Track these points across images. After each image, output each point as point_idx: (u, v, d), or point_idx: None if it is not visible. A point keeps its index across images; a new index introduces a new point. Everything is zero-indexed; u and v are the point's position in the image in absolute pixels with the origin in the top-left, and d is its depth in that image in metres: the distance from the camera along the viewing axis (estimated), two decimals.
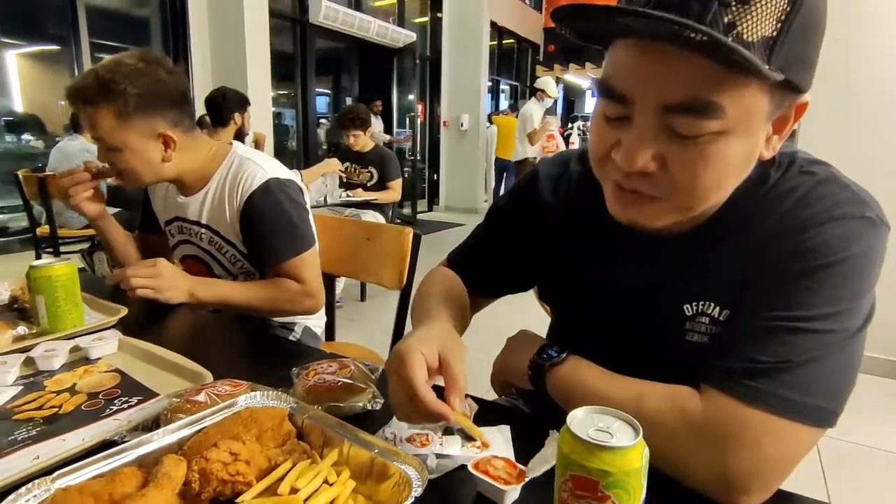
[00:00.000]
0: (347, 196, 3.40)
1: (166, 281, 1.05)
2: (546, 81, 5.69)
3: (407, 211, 6.90)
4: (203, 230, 1.23)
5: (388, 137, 6.28)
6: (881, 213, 0.55)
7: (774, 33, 0.45)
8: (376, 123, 6.06)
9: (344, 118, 3.44)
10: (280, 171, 1.21)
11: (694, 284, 0.61)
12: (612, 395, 0.58)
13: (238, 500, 0.46)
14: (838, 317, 0.51)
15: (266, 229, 1.16)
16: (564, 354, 0.65)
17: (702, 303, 0.60)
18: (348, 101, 6.52)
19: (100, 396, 0.71)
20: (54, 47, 4.54)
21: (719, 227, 0.59)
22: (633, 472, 0.39)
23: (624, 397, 0.57)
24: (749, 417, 0.51)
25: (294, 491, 0.46)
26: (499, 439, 0.60)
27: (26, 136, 4.76)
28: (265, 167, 1.18)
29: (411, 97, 7.05)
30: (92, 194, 1.22)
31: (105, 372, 0.78)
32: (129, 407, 0.68)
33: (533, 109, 5.58)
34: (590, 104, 13.65)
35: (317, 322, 1.40)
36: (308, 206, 1.25)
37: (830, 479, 1.72)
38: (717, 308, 0.59)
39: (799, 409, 0.50)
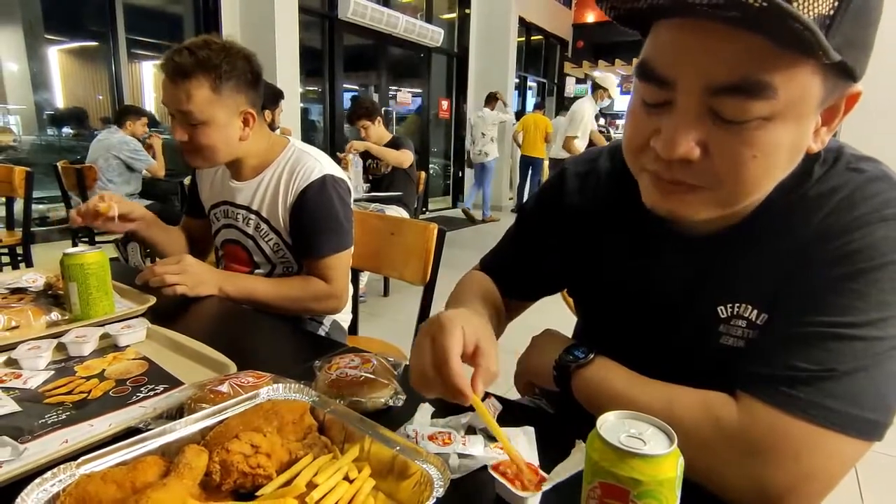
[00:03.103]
0: (370, 185, 3.40)
1: (193, 277, 1.08)
2: (607, 78, 4.93)
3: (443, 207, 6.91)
4: (252, 216, 1.26)
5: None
6: None
7: (831, 11, 0.41)
8: (500, 115, 6.25)
9: (349, 113, 3.45)
10: (335, 169, 1.25)
11: (730, 285, 0.57)
12: (641, 399, 0.56)
13: (258, 493, 0.46)
14: (887, 323, 0.48)
15: (313, 223, 1.19)
16: (592, 355, 0.62)
17: (738, 305, 0.57)
18: (375, 97, 6.54)
19: (127, 383, 0.72)
20: (93, 43, 4.68)
21: (759, 226, 0.56)
22: (666, 481, 0.37)
23: (653, 403, 0.54)
24: (789, 428, 0.48)
25: (313, 486, 0.46)
26: (523, 441, 0.58)
27: (67, 130, 4.93)
28: (323, 163, 1.23)
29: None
30: (109, 221, 1.17)
31: (133, 359, 0.79)
32: (156, 394, 0.69)
33: (586, 108, 4.94)
34: (619, 102, 13.33)
35: (345, 317, 1.41)
36: (352, 209, 1.27)
37: (866, 492, 1.65)
38: (755, 311, 0.56)
39: (844, 421, 0.47)
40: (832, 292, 0.49)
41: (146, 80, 5.11)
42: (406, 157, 3.42)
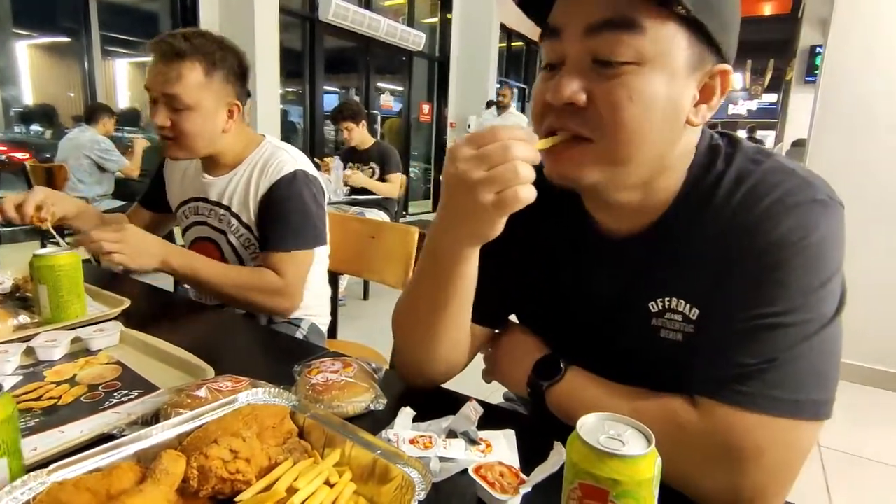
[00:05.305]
0: (350, 188, 3.38)
1: (133, 247, 1.03)
2: None
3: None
4: (223, 211, 1.24)
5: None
6: (832, 193, 0.54)
7: None
8: (514, 114, 6.03)
9: (334, 113, 3.44)
10: (309, 166, 1.23)
11: (658, 282, 0.60)
12: (609, 410, 0.57)
13: (237, 498, 0.45)
14: (811, 305, 0.51)
15: (278, 215, 1.17)
16: (562, 369, 0.64)
17: (668, 299, 0.59)
18: (357, 99, 6.51)
19: (100, 389, 0.70)
20: (65, 39, 4.56)
21: (674, 223, 0.59)
22: (644, 482, 0.38)
23: (619, 413, 0.56)
24: (746, 423, 0.50)
25: (293, 491, 0.45)
26: (503, 444, 0.59)
27: (35, 128, 4.78)
28: (297, 159, 1.22)
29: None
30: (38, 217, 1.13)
31: (106, 364, 0.77)
32: (130, 400, 0.67)
33: None
34: None
35: (323, 320, 1.39)
36: (325, 209, 1.26)
37: (834, 491, 1.70)
38: (688, 306, 0.58)
39: (793, 407, 0.49)
40: (757, 286, 0.52)
41: (120, 77, 4.99)
42: (394, 188, 3.46)
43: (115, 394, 0.69)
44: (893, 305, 2.37)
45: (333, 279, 1.48)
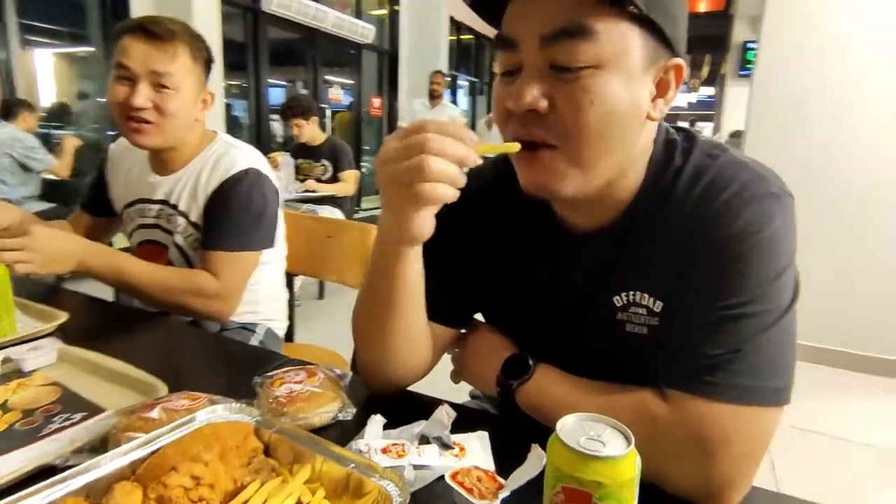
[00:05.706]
0: (303, 191, 3.29)
1: (41, 254, 0.94)
2: None
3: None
4: (170, 210, 1.18)
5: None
6: (782, 185, 0.56)
7: None
8: (448, 107, 5.51)
9: (283, 108, 3.34)
10: (263, 165, 1.19)
11: (622, 276, 0.61)
12: (581, 407, 0.57)
13: None
14: (769, 295, 0.53)
15: (222, 213, 1.12)
16: (531, 367, 0.64)
17: (632, 293, 0.60)
18: (305, 92, 6.32)
19: (37, 413, 0.64)
20: None
21: (638, 219, 0.60)
22: (626, 482, 0.38)
23: (592, 409, 0.56)
24: (715, 413, 0.51)
25: None
26: (477, 447, 0.58)
27: None
28: (248, 156, 1.17)
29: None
30: None
31: (42, 385, 0.71)
32: (72, 424, 0.62)
33: None
34: None
35: (280, 324, 1.34)
36: (279, 212, 1.21)
37: (778, 464, 1.81)
38: (652, 299, 0.60)
39: (757, 394, 0.51)
40: (719, 278, 0.54)
41: (44, 70, 4.62)
42: (349, 187, 3.40)
43: (55, 418, 0.63)
44: (825, 291, 2.54)
45: (289, 281, 1.43)
